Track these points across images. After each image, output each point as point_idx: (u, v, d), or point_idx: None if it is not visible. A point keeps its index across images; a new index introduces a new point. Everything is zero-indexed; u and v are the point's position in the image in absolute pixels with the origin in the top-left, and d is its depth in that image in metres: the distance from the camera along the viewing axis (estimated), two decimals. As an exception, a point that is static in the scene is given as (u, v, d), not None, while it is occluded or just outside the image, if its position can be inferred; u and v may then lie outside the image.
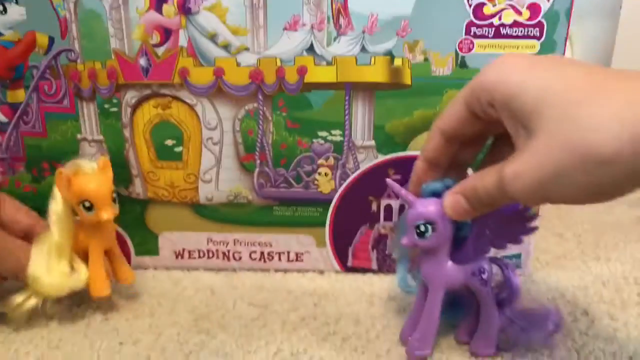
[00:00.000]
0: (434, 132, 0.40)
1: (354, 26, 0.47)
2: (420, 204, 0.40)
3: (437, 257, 0.41)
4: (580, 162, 0.29)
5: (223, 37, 0.48)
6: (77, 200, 0.45)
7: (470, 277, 0.42)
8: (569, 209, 0.72)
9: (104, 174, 0.46)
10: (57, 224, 0.46)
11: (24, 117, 0.52)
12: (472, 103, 0.36)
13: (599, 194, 0.31)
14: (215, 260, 0.56)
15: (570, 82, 0.31)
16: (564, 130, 0.30)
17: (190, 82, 0.49)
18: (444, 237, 0.40)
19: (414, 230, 0.40)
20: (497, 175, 0.34)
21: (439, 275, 0.42)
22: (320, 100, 0.50)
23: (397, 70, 0.48)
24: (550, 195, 0.32)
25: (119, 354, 0.44)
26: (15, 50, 0.49)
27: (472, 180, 0.37)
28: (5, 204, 0.48)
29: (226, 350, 0.44)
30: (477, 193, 0.36)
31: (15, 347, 0.45)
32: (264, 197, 0.53)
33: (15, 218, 0.48)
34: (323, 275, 0.56)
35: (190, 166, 0.53)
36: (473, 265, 0.42)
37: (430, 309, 0.42)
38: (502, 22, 0.47)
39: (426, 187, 0.41)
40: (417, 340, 0.42)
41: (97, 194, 0.45)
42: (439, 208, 0.39)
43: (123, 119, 0.51)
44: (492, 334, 0.43)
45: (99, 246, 0.48)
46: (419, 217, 0.40)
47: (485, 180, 0.35)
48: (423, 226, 0.40)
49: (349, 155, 0.52)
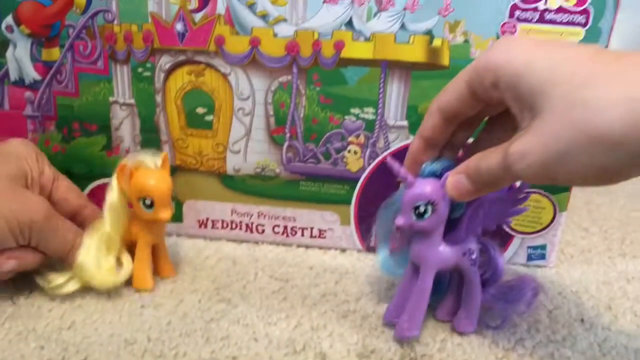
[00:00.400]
0: (433, 111, 0.39)
1: (395, 2, 0.47)
2: (420, 184, 0.40)
3: (431, 239, 0.41)
4: (587, 143, 0.29)
5: (262, 6, 0.47)
6: (137, 196, 0.45)
7: (461, 257, 0.42)
8: (597, 204, 0.71)
9: (165, 171, 0.46)
10: (110, 216, 0.46)
11: (58, 76, 0.52)
12: (474, 84, 0.35)
13: (605, 176, 0.30)
14: (238, 232, 0.56)
15: (577, 63, 0.31)
16: (570, 111, 0.30)
17: (226, 50, 0.49)
18: (442, 217, 0.40)
19: (412, 211, 0.39)
20: (502, 154, 0.33)
21: (432, 257, 0.41)
22: (355, 77, 0.49)
23: (435, 50, 0.48)
24: (556, 176, 0.31)
25: (141, 317, 0.44)
26: (53, 8, 0.49)
27: (475, 160, 0.36)
28: (59, 182, 0.48)
29: (247, 320, 0.44)
30: (481, 173, 0.35)
31: (38, 303, 0.45)
32: (291, 171, 0.53)
33: (66, 197, 0.48)
34: (345, 254, 0.56)
35: (219, 136, 0.53)
36: (463, 245, 0.42)
37: (420, 291, 0.42)
38: (547, 7, 0.45)
39: (425, 168, 0.40)
40: (407, 321, 0.42)
41: (159, 193, 0.44)
42: (438, 188, 0.39)
43: (156, 84, 0.51)
44: (474, 312, 0.43)
45: (148, 241, 0.47)
46: (420, 197, 0.39)
47: (489, 160, 0.35)
48: (423, 207, 0.39)
49: (380, 134, 0.51)
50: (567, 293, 0.51)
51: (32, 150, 0.47)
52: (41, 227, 0.43)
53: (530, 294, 0.43)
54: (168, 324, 0.43)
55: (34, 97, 0.52)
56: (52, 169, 0.48)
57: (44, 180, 0.47)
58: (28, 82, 0.52)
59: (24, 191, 0.44)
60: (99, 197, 0.54)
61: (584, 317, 0.47)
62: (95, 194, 0.55)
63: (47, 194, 0.47)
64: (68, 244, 0.45)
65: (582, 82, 0.30)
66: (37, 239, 0.43)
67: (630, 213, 0.70)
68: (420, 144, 0.40)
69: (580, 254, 0.58)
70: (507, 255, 0.54)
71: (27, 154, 0.46)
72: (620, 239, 0.62)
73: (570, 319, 0.47)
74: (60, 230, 0.45)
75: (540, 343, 0.43)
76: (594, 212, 0.69)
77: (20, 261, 0.43)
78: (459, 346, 0.43)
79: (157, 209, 0.45)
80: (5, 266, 0.43)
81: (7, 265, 0.43)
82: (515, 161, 0.32)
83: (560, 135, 0.30)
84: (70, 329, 0.43)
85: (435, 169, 0.40)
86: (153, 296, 0.47)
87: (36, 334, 0.42)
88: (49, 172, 0.48)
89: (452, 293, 0.45)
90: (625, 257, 0.58)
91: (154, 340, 0.42)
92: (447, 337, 0.44)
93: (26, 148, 0.47)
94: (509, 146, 0.33)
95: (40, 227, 0.43)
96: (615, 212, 0.70)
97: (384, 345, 0.42)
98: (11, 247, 0.43)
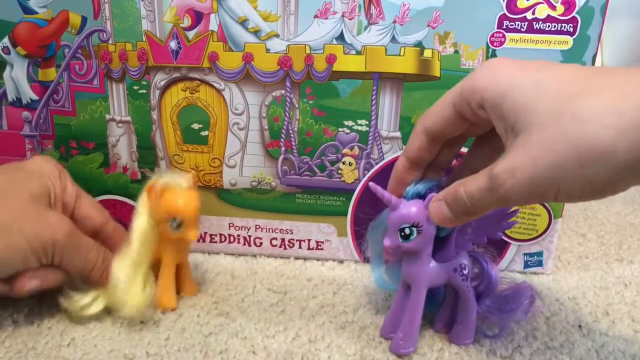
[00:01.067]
0: (419, 131, 0.39)
1: (385, 16, 0.47)
2: (404, 207, 0.40)
3: (419, 258, 0.41)
4: (575, 154, 0.29)
5: (253, 23, 0.48)
6: (166, 217, 0.44)
7: (452, 273, 0.42)
8: (594, 211, 0.72)
9: (192, 192, 0.45)
10: (139, 242, 0.45)
11: (54, 96, 0.52)
12: (460, 105, 0.36)
13: (593, 190, 0.30)
14: (236, 245, 0.57)
15: (562, 78, 0.31)
16: (558, 122, 0.29)
17: (220, 66, 0.50)
18: (428, 238, 0.40)
19: (398, 233, 0.40)
20: (486, 176, 0.33)
21: (422, 275, 0.42)
22: (348, 89, 0.50)
23: (426, 61, 0.48)
24: (545, 192, 0.31)
25: (140, 333, 0.44)
26: (48, 29, 0.50)
27: (454, 187, 0.36)
28: (82, 200, 0.48)
29: (245, 333, 0.45)
30: (460, 200, 0.35)
31: (38, 321, 0.46)
32: (287, 184, 0.54)
33: (89, 214, 0.47)
34: (343, 265, 0.56)
35: (215, 150, 0.53)
36: (454, 261, 0.42)
37: (413, 308, 0.42)
38: (535, 17, 0.46)
39: (409, 190, 0.41)
40: (401, 339, 0.42)
41: (188, 213, 0.44)
42: (422, 210, 0.39)
43: (151, 101, 0.52)
44: (471, 325, 0.43)
45: (173, 260, 0.47)
46: (404, 220, 0.39)
47: (468, 186, 0.34)
48: (408, 229, 0.39)
49: (374, 145, 0.52)
50: (564, 299, 0.51)
51: (55, 168, 0.47)
52: (63, 247, 0.43)
53: (527, 302, 0.43)
54: (167, 339, 0.44)
55: (31, 116, 0.53)
56: (75, 186, 0.47)
57: (67, 197, 0.46)
58: (25, 102, 0.52)
59: (47, 210, 0.44)
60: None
61: (581, 323, 0.47)
62: (94, 211, 0.56)
63: (69, 211, 0.47)
64: (90, 262, 0.45)
65: (570, 94, 0.30)
66: (59, 259, 0.43)
67: (626, 218, 0.70)
68: (405, 164, 0.41)
69: (577, 260, 0.59)
70: (504, 263, 0.55)
71: (50, 171, 0.46)
72: (617, 244, 0.63)
73: (567, 325, 0.47)
74: (83, 249, 0.44)
75: (538, 350, 0.43)
76: (591, 218, 0.70)
77: (42, 281, 0.43)
78: (457, 355, 0.43)
79: (186, 229, 0.45)
80: (28, 286, 0.42)
81: (29, 285, 0.43)
82: (503, 180, 0.31)
83: (549, 147, 0.30)
84: (69, 345, 0.43)
85: (419, 190, 0.40)
86: (152, 312, 0.47)
87: (36, 351, 0.42)
88: (71, 189, 0.47)
89: (447, 306, 0.45)
90: (622, 263, 0.58)
91: (153, 355, 0.42)
92: (445, 346, 0.44)
93: (49, 165, 0.46)
94: (494, 167, 0.32)
95: (63, 247, 0.43)
96: (611, 217, 0.70)
97: (382, 356, 0.42)
98: (33, 267, 0.42)
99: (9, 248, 0.40)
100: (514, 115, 0.32)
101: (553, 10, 0.46)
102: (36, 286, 0.43)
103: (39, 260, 0.42)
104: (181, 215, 0.44)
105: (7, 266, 0.41)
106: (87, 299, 0.45)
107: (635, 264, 0.58)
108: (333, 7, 0.47)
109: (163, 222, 0.45)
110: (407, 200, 0.40)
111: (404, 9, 0.47)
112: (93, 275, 0.45)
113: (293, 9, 0.48)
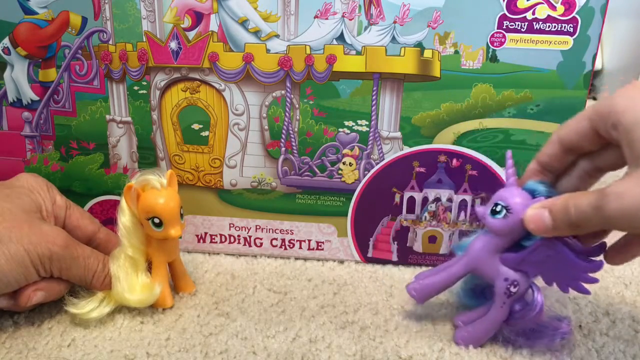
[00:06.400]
0: (553, 140, 0.41)
1: (385, 16, 0.47)
2: (510, 190, 0.41)
3: (490, 242, 0.42)
4: None
5: (254, 23, 0.48)
6: (145, 216, 0.45)
7: (501, 280, 0.42)
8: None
9: (172, 189, 0.46)
10: (128, 238, 0.46)
11: (55, 96, 0.52)
12: (596, 121, 0.37)
13: None
14: (236, 246, 0.57)
15: None
16: None
17: (220, 67, 0.50)
18: (508, 229, 0.40)
19: (492, 206, 0.41)
20: (597, 194, 0.34)
21: (476, 248, 0.42)
22: (348, 90, 0.50)
23: (426, 62, 0.48)
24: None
25: (140, 333, 0.45)
26: (49, 30, 0.50)
27: (564, 198, 0.37)
28: (71, 210, 0.48)
29: (245, 334, 0.45)
30: (567, 211, 0.36)
31: (38, 322, 0.46)
32: (287, 184, 0.54)
33: (80, 224, 0.48)
34: (343, 265, 0.56)
35: (215, 151, 0.53)
36: (510, 273, 0.42)
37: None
38: (535, 17, 0.46)
39: (530, 183, 0.41)
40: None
41: (167, 212, 0.44)
42: (523, 203, 0.40)
43: (152, 101, 0.52)
44: (481, 335, 0.44)
45: (163, 259, 0.47)
46: (504, 198, 0.40)
47: (580, 200, 0.36)
48: (499, 207, 0.40)
49: (374, 146, 0.52)
50: (564, 299, 0.51)
51: (42, 182, 0.48)
52: (61, 257, 0.43)
53: (558, 339, 0.43)
54: (167, 339, 0.44)
55: (31, 117, 0.53)
56: (63, 198, 0.48)
57: (57, 210, 0.47)
58: (25, 102, 0.52)
59: (41, 223, 0.44)
60: (98, 214, 0.55)
61: (581, 323, 0.47)
62: (95, 211, 0.56)
63: (61, 222, 0.47)
64: (90, 270, 0.45)
65: None
66: (58, 269, 0.43)
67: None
68: (535, 166, 0.42)
69: (578, 260, 0.59)
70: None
71: (38, 185, 0.47)
72: (617, 244, 0.62)
73: (568, 325, 0.47)
74: (81, 257, 0.45)
75: (538, 351, 0.43)
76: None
77: (47, 292, 0.44)
78: (457, 355, 0.43)
79: (167, 227, 0.45)
80: (34, 299, 0.43)
81: (35, 298, 0.43)
82: (610, 201, 0.33)
83: None
84: (70, 346, 0.43)
85: (535, 188, 0.41)
86: (152, 311, 0.47)
87: (36, 352, 0.42)
88: (60, 201, 0.48)
89: (481, 310, 0.45)
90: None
91: (153, 355, 0.42)
92: (445, 346, 0.44)
93: (36, 180, 0.47)
94: (607, 187, 0.34)
95: (61, 257, 0.43)
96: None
97: (382, 356, 0.42)
98: (35, 280, 0.43)
99: (9, 260, 0.41)
100: None
101: (553, 10, 0.46)
102: (42, 298, 0.44)
103: (38, 273, 0.43)
104: (159, 214, 0.44)
105: (10, 278, 0.41)
106: (93, 303, 0.45)
107: (636, 264, 0.58)
108: (333, 7, 0.47)
109: (145, 222, 0.45)
110: (521, 189, 0.41)
111: (404, 10, 0.47)
112: (95, 282, 0.46)
113: (293, 10, 0.48)
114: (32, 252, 0.41)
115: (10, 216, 0.42)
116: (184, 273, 0.50)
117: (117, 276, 0.45)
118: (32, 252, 0.41)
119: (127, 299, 0.45)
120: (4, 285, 0.41)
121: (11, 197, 0.44)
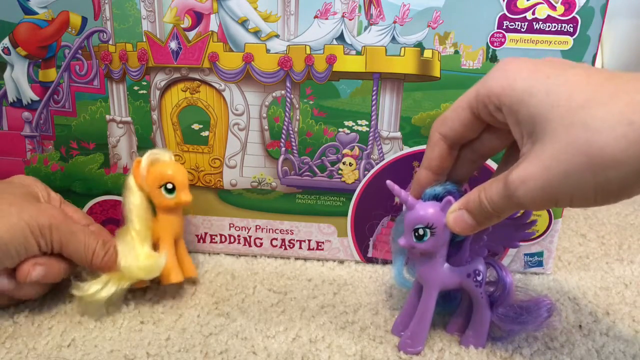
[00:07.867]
0: (437, 140, 0.40)
1: (385, 16, 0.47)
2: (420, 208, 0.40)
3: (433, 260, 0.41)
4: (587, 164, 0.29)
5: (254, 23, 0.48)
6: (158, 184, 0.47)
7: (465, 278, 0.42)
8: (594, 211, 0.72)
9: (179, 162, 0.49)
10: (136, 215, 0.47)
11: (55, 96, 0.52)
12: (477, 108, 0.36)
13: (607, 196, 0.31)
14: (236, 246, 0.57)
15: (573, 85, 0.31)
16: (569, 133, 0.30)
17: (220, 67, 0.50)
18: (442, 241, 0.40)
19: (412, 233, 0.40)
20: (502, 183, 0.34)
21: (434, 277, 0.42)
22: (348, 90, 0.50)
23: (426, 62, 0.48)
24: (558, 199, 0.32)
25: (140, 333, 0.44)
26: (49, 30, 0.50)
27: (475, 193, 0.37)
28: (65, 205, 0.50)
29: (245, 334, 0.45)
30: (482, 205, 0.36)
31: (38, 322, 0.46)
32: (287, 184, 0.54)
33: (73, 216, 0.49)
34: (343, 265, 0.56)
35: (215, 151, 0.53)
36: (468, 267, 0.42)
37: (423, 309, 0.42)
38: (535, 17, 0.46)
39: (427, 192, 0.41)
40: (409, 337, 0.43)
41: (179, 176, 0.47)
42: (438, 212, 0.39)
43: (152, 101, 0.52)
44: (483, 331, 0.43)
45: (170, 235, 0.49)
46: (418, 220, 0.40)
47: (489, 191, 0.35)
48: (422, 230, 0.40)
49: (374, 146, 0.52)
50: (564, 300, 0.51)
51: (37, 181, 0.50)
52: (59, 229, 0.44)
53: (545, 315, 0.43)
54: (167, 340, 0.44)
55: (31, 117, 0.53)
56: (57, 195, 0.50)
57: (52, 202, 0.49)
58: (26, 102, 0.52)
59: (39, 203, 0.46)
60: (98, 214, 0.55)
61: (582, 324, 0.47)
62: (95, 211, 0.55)
63: None
64: (89, 247, 0.45)
65: (580, 103, 0.30)
66: (58, 242, 0.44)
67: (626, 219, 0.70)
68: (427, 174, 0.41)
69: (578, 260, 0.59)
70: (504, 263, 0.55)
71: (33, 182, 0.49)
72: (617, 245, 0.63)
73: (568, 325, 0.47)
74: (79, 233, 0.45)
75: (538, 351, 0.43)
76: (591, 218, 0.70)
77: (47, 268, 0.44)
78: (457, 356, 0.43)
79: (179, 192, 0.47)
80: (33, 273, 0.43)
81: (35, 273, 0.43)
82: (516, 188, 0.32)
83: (561, 157, 0.30)
84: (70, 346, 0.43)
85: (437, 192, 0.40)
86: (152, 312, 0.47)
87: (36, 352, 0.42)
88: (55, 196, 0.50)
89: (463, 311, 0.45)
90: (623, 262, 0.58)
91: (153, 356, 0.42)
92: (445, 347, 0.44)
93: (31, 179, 0.50)
94: (509, 174, 0.33)
95: (59, 229, 0.44)
96: (612, 217, 0.70)
97: (382, 356, 0.42)
98: (35, 254, 0.43)
99: (9, 229, 0.42)
100: (529, 124, 0.33)
101: (553, 10, 0.46)
102: (41, 274, 0.44)
103: (38, 244, 0.43)
104: (172, 179, 0.47)
105: (10, 247, 0.42)
106: (97, 285, 0.45)
107: (636, 264, 0.58)
108: (333, 7, 0.47)
109: (156, 190, 0.47)
110: (424, 202, 0.40)
111: (404, 10, 0.47)
112: (95, 260, 0.45)
113: (293, 10, 0.48)
114: (32, 223, 0.43)
115: (10, 196, 0.44)
116: (187, 256, 0.51)
117: (123, 252, 0.46)
118: (32, 224, 0.43)
119: (132, 269, 0.46)
120: (4, 254, 0.42)
121: (11, 187, 0.47)
